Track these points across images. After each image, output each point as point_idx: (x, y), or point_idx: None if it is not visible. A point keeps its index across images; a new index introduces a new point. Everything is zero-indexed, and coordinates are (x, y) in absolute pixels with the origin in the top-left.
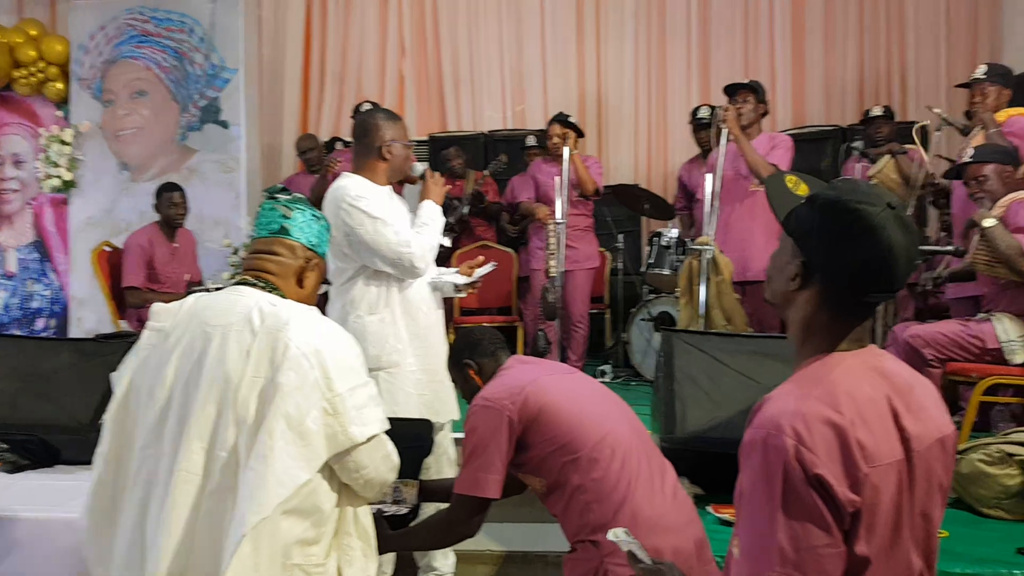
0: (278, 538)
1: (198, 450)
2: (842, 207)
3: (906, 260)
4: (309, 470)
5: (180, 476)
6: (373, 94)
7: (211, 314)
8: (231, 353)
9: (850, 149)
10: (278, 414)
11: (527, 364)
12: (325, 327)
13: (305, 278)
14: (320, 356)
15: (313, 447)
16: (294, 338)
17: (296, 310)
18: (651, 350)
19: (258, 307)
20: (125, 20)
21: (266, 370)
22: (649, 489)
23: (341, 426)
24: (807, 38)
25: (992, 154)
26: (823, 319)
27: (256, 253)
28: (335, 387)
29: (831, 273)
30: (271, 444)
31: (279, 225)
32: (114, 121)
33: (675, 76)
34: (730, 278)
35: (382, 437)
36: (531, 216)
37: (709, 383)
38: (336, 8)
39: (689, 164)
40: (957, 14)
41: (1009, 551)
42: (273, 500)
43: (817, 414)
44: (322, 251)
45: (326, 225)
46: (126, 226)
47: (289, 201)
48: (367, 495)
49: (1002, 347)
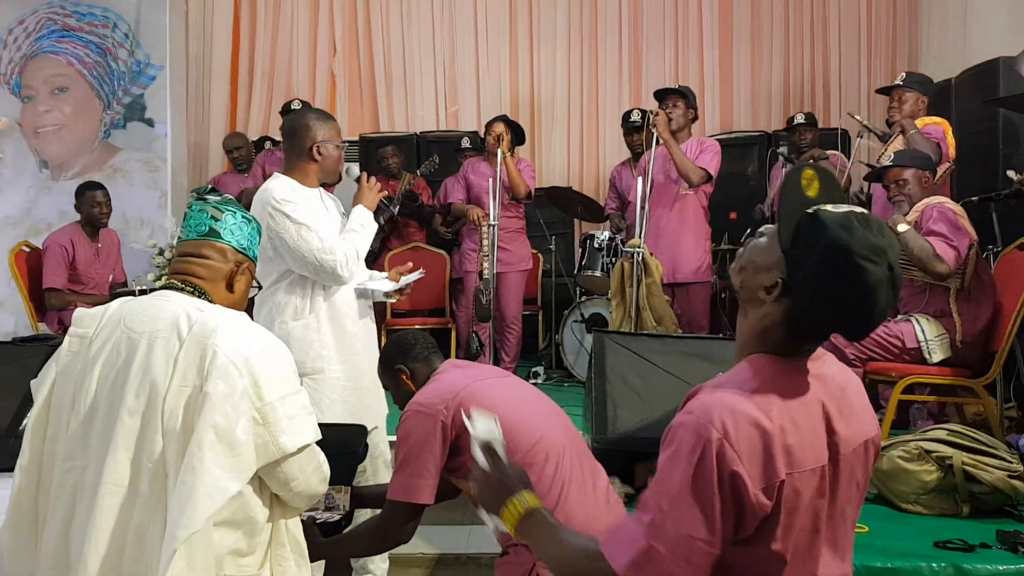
0: (210, 549)
1: (124, 461)
2: (847, 261)
3: (880, 317)
4: (239, 481)
5: (106, 488)
6: (304, 93)
7: (136, 320)
8: (157, 361)
9: (775, 155)
10: (207, 424)
11: (461, 368)
12: (255, 334)
13: (236, 282)
14: (250, 364)
15: (243, 457)
16: (222, 346)
17: (225, 316)
18: (584, 351)
19: (185, 313)
20: (45, 14)
21: (194, 379)
22: (581, 492)
23: (271, 436)
24: (734, 47)
25: (912, 159)
26: (779, 333)
27: (184, 256)
28: (265, 396)
29: (807, 308)
30: (200, 456)
31: (208, 227)
32: (34, 118)
33: (607, 80)
34: (660, 280)
35: (314, 448)
36: (464, 218)
37: (640, 383)
38: (265, 5)
39: (621, 167)
40: (878, 26)
41: (927, 545)
42: (203, 513)
43: (748, 415)
44: (253, 254)
45: (257, 228)
46: (46, 226)
47: (219, 202)
48: (297, 506)
49: (920, 346)
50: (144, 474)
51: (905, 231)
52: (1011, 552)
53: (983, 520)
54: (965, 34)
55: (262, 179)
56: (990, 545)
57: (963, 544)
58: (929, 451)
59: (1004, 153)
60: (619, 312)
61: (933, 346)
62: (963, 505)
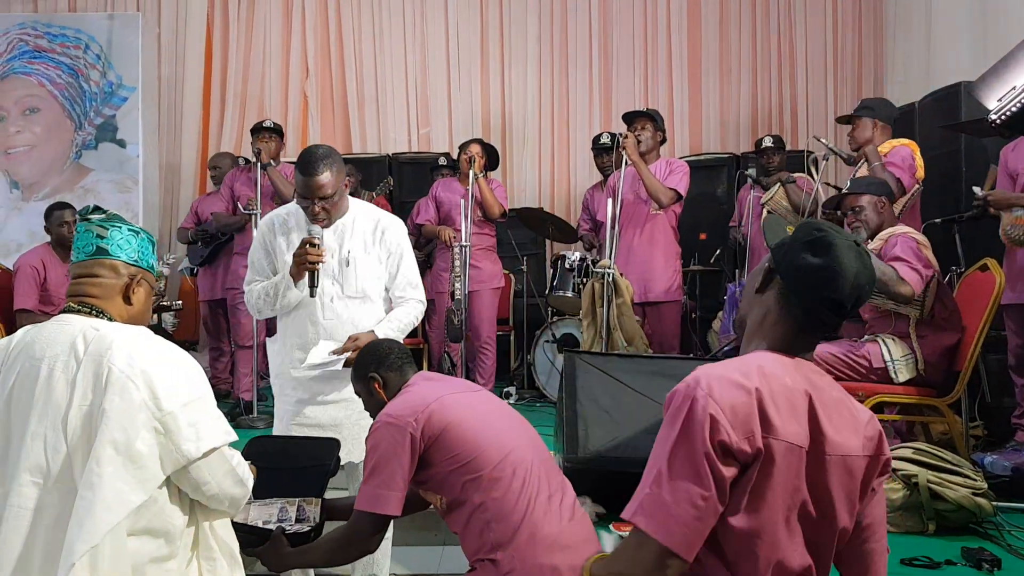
0: (123, 559)
1: (28, 483)
2: (814, 226)
3: (853, 283)
4: (144, 491)
5: (11, 511)
6: (276, 114)
7: (38, 347)
8: (58, 384)
9: (744, 176)
10: (104, 440)
11: (432, 381)
12: (150, 346)
13: (133, 295)
14: (147, 376)
15: (147, 468)
16: (117, 361)
17: (120, 333)
18: (555, 371)
19: (82, 334)
20: (17, 35)
21: (92, 396)
22: (547, 508)
23: (174, 444)
24: (703, 70)
25: (867, 186)
26: (772, 318)
27: (77, 278)
28: (164, 406)
29: (785, 270)
30: (99, 472)
31: (95, 246)
32: (4, 139)
33: (578, 102)
34: (631, 300)
35: (224, 451)
36: (435, 239)
37: (610, 403)
38: (238, 27)
39: (593, 189)
40: (843, 51)
41: (893, 562)
42: (102, 527)
43: (731, 380)
44: (147, 264)
45: (147, 237)
46: (16, 247)
47: (103, 220)
48: (216, 508)
49: (887, 366)
50: (51, 495)
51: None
52: (976, 569)
53: (949, 537)
54: (928, 59)
55: (230, 199)
56: (955, 562)
57: (929, 561)
58: (895, 469)
59: (967, 176)
60: (590, 332)
61: (899, 365)
62: (929, 523)
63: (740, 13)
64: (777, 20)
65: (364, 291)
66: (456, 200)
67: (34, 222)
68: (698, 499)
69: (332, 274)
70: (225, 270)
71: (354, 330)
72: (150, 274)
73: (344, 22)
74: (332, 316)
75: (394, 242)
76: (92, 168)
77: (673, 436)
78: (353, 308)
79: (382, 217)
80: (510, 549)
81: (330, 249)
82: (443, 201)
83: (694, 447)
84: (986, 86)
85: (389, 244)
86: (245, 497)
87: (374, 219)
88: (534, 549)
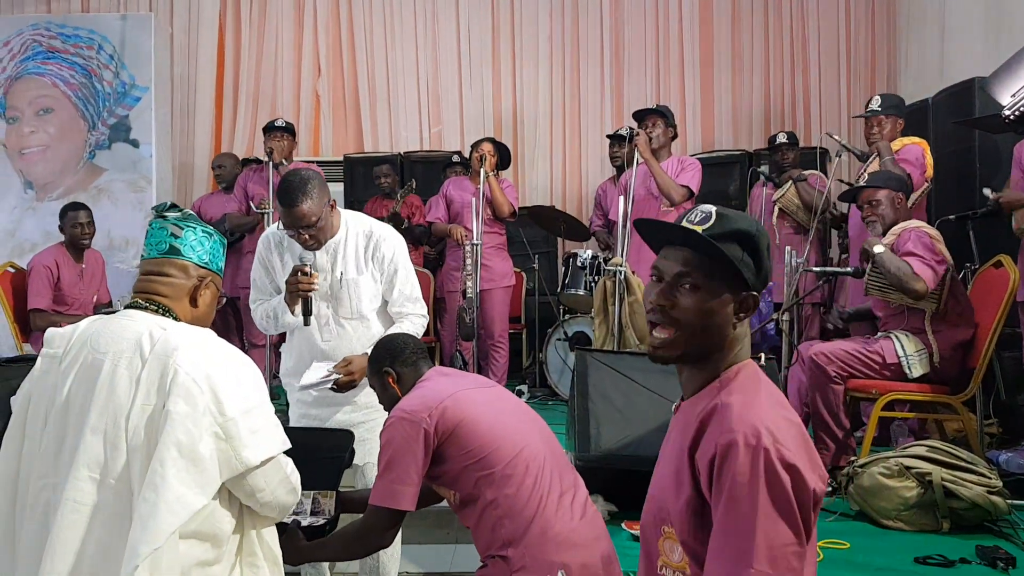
0: (176, 563)
1: (86, 479)
2: (741, 217)
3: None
4: (205, 495)
5: (68, 506)
6: (288, 114)
7: (102, 340)
8: (121, 381)
9: (756, 173)
10: (169, 442)
11: (446, 377)
12: (216, 350)
13: (199, 297)
14: (211, 381)
15: (207, 472)
16: (183, 364)
17: (187, 334)
18: (567, 369)
19: (148, 332)
20: (31, 35)
21: (156, 398)
22: (559, 505)
23: (234, 451)
24: (715, 67)
25: (886, 180)
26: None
27: (147, 275)
28: (227, 412)
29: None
30: (163, 472)
31: (168, 245)
32: (18, 139)
33: (589, 100)
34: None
35: (280, 459)
36: (446, 237)
37: (623, 401)
38: (249, 27)
39: (607, 183)
40: (857, 46)
41: (908, 560)
42: (166, 529)
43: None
44: (216, 268)
45: (219, 240)
46: (31, 247)
47: (178, 219)
48: (267, 515)
49: (900, 361)
50: (108, 492)
51: (881, 252)
52: (990, 568)
53: (963, 536)
54: (942, 54)
55: (244, 200)
56: (970, 560)
57: (943, 560)
58: (909, 467)
59: (981, 172)
60: (602, 330)
61: (913, 361)
62: (943, 521)
63: (752, 9)
64: (790, 16)
65: (360, 312)
66: (467, 198)
67: (48, 222)
68: (797, 560)
69: (327, 296)
70: (236, 269)
71: (351, 351)
72: (219, 277)
73: (356, 21)
74: (330, 338)
75: (388, 258)
76: (106, 168)
77: (751, 500)
78: (350, 329)
79: (375, 229)
80: (521, 546)
81: (323, 271)
82: (454, 199)
83: (781, 504)
84: (999, 82)
85: (383, 260)
86: (294, 505)
87: (366, 233)
88: (545, 546)
